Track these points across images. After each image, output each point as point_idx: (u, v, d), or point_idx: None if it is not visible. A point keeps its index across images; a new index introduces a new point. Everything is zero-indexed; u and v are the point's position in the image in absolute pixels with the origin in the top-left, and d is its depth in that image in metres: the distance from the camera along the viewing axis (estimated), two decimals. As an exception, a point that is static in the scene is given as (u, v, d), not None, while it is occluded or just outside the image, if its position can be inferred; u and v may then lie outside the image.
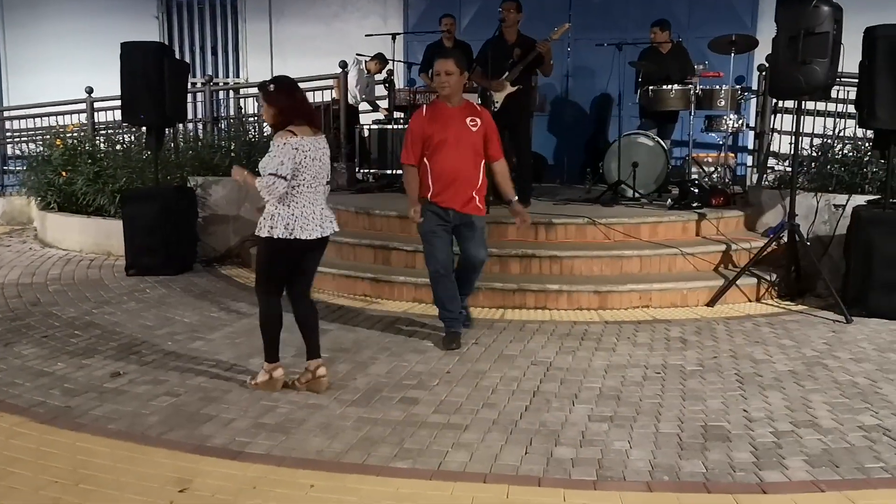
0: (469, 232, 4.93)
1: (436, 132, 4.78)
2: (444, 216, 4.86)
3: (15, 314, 5.78)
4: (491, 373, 4.57)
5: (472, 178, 4.85)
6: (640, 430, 3.74)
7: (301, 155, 4.00)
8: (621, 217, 6.74)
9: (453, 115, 4.82)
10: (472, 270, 5.13)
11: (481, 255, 5.04)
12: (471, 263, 5.06)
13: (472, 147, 4.83)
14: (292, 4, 11.45)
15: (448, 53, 4.95)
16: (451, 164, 4.79)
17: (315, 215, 4.10)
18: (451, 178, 4.79)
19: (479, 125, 4.84)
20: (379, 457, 3.46)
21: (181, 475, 3.26)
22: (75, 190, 8.50)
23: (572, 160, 9.85)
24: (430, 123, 4.80)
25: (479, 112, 4.92)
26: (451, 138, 4.78)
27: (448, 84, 4.76)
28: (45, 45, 12.14)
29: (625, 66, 7.98)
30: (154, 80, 7.12)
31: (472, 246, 4.98)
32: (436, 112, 4.87)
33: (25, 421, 3.81)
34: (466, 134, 4.81)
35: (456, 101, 4.85)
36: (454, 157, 4.78)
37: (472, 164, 4.85)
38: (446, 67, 4.75)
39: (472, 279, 5.23)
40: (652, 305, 5.98)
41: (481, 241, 5.01)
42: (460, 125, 4.80)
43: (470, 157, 4.83)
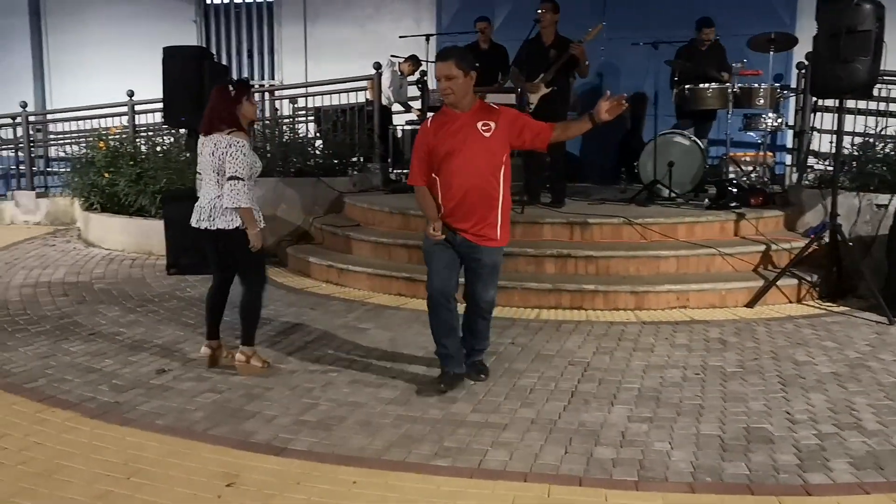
0: (476, 267, 4.19)
1: (441, 143, 4.07)
2: (451, 237, 4.15)
3: (62, 312, 5.92)
4: (528, 372, 4.58)
5: (487, 193, 4.08)
6: (680, 431, 3.73)
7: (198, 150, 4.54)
8: (657, 217, 6.71)
9: (462, 121, 4.07)
10: (477, 314, 4.30)
11: (488, 296, 4.21)
12: (474, 303, 4.26)
13: (488, 155, 4.06)
14: (327, 7, 11.55)
15: (447, 54, 4.08)
16: (461, 178, 4.04)
17: (202, 207, 4.47)
18: (462, 194, 4.06)
19: (493, 129, 4.05)
20: (419, 454, 3.50)
21: (227, 470, 3.32)
22: (117, 191, 8.68)
23: (606, 160, 9.80)
24: (436, 134, 4.10)
25: (494, 113, 4.11)
26: (459, 148, 4.04)
27: (451, 90, 4.02)
28: (87, 50, 12.38)
29: (660, 64, 7.93)
30: (194, 83, 7.24)
31: (477, 283, 4.21)
32: (442, 120, 4.13)
33: (76, 416, 3.91)
34: (478, 141, 4.04)
35: (465, 106, 4.09)
36: (464, 170, 4.03)
37: (488, 175, 4.07)
38: (446, 72, 4.00)
39: (480, 329, 4.38)
40: (690, 306, 5.94)
41: (491, 280, 4.21)
42: (470, 132, 4.05)
43: (484, 167, 4.05)
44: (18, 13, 12.70)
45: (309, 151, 8.87)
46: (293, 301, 6.30)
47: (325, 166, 8.72)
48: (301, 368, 4.66)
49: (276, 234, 7.97)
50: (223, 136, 4.38)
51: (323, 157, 8.85)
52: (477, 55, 8.85)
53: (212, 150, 4.39)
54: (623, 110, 4.08)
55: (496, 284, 4.28)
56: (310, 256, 7.21)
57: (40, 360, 4.77)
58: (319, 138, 9.28)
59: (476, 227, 4.10)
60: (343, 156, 8.94)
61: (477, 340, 4.44)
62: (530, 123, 4.20)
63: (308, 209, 8.20)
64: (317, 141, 9.22)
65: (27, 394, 4.21)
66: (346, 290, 6.64)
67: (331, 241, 7.52)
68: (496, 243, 4.16)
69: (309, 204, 8.23)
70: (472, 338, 4.42)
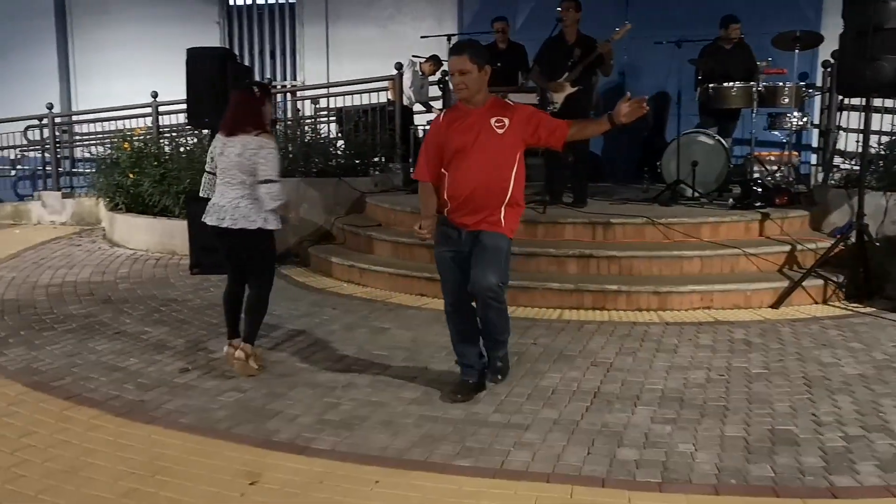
0: (478, 251, 3.94)
1: (452, 139, 3.95)
2: (456, 238, 4.02)
3: (88, 311, 5.99)
4: (550, 373, 4.56)
5: (496, 191, 3.94)
6: (704, 433, 3.70)
7: (214, 152, 4.61)
8: (681, 217, 6.66)
9: (474, 117, 3.95)
10: (481, 304, 3.97)
11: (486, 281, 3.86)
12: (472, 288, 3.92)
13: (499, 153, 3.92)
14: (348, 8, 11.59)
15: (461, 48, 3.98)
16: (469, 176, 3.92)
17: (222, 207, 4.53)
18: (469, 192, 3.93)
19: (507, 125, 3.92)
20: (441, 454, 3.50)
21: (250, 468, 3.34)
22: (142, 191, 8.76)
23: (629, 159, 9.76)
24: (447, 130, 3.99)
25: (508, 109, 4.00)
26: (469, 145, 3.92)
27: (465, 84, 3.90)
28: (111, 51, 12.51)
29: (684, 63, 7.88)
30: (218, 84, 7.28)
31: (475, 266, 3.91)
32: (454, 116, 4.03)
33: (102, 414, 3.95)
34: (491, 138, 3.91)
35: (479, 102, 3.98)
36: (473, 167, 3.91)
37: (498, 174, 3.93)
38: (460, 66, 3.88)
39: (490, 319, 4.03)
40: (714, 307, 5.89)
41: (490, 262, 3.89)
42: (482, 129, 3.93)
43: (495, 165, 3.92)
44: (44, 15, 12.86)
45: (330, 152, 8.91)
46: (315, 300, 6.33)
47: (347, 166, 8.75)
48: (323, 368, 4.67)
49: (298, 233, 8.01)
50: (251, 138, 4.45)
51: (344, 158, 8.88)
52: (495, 55, 8.85)
53: (239, 151, 4.45)
54: (643, 113, 3.92)
55: (498, 272, 3.90)
56: (331, 256, 7.23)
57: (67, 359, 4.83)
58: (341, 138, 9.31)
59: (479, 222, 3.97)
60: (364, 156, 8.97)
61: (494, 329, 4.10)
62: (546, 121, 4.06)
63: (330, 209, 8.23)
64: (338, 141, 9.25)
65: (54, 392, 4.26)
66: (367, 289, 6.66)
67: (352, 240, 7.55)
68: (499, 228, 3.96)
69: (331, 204, 8.26)
70: (486, 331, 4.14)
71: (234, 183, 4.50)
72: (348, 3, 11.52)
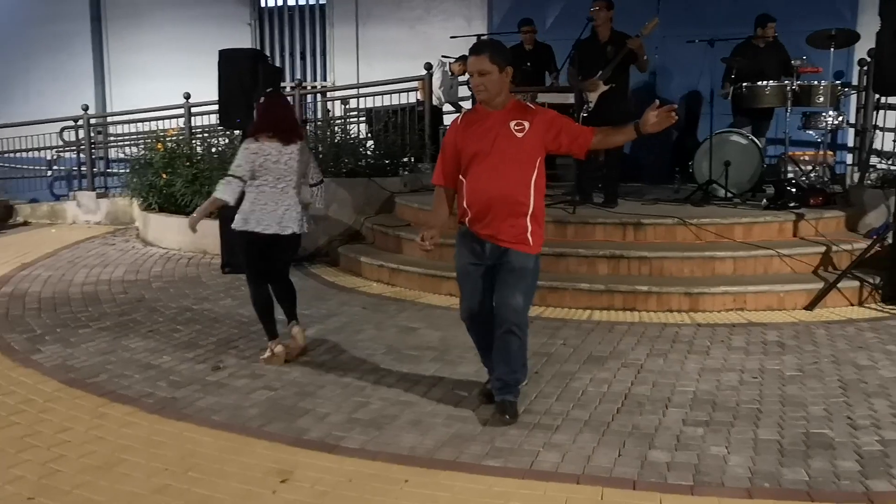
0: (503, 270, 3.76)
1: (468, 143, 3.75)
2: (479, 250, 3.81)
3: (122, 309, 6.08)
4: (580, 374, 4.54)
5: (516, 199, 3.72)
6: (737, 436, 3.66)
7: (260, 159, 4.58)
8: (713, 217, 6.60)
9: (493, 120, 3.75)
10: (503, 326, 3.75)
11: (513, 301, 3.70)
12: (498, 311, 3.76)
13: (519, 158, 3.71)
14: (378, 9, 11.62)
15: (481, 47, 3.76)
16: (488, 182, 3.71)
17: (276, 214, 4.62)
18: (488, 200, 3.72)
19: (526, 129, 3.71)
20: (470, 454, 3.50)
21: (281, 466, 3.37)
22: (174, 191, 8.86)
23: (659, 159, 9.66)
24: (464, 133, 3.79)
25: (528, 112, 3.78)
26: (486, 149, 3.71)
27: (484, 86, 3.70)
28: (145, 53, 12.69)
29: (716, 62, 7.79)
30: (249, 85, 7.34)
31: (502, 287, 3.74)
32: (473, 119, 3.83)
33: (136, 411, 4.01)
34: (509, 143, 3.70)
35: (498, 104, 3.77)
36: (492, 173, 3.70)
37: (518, 180, 3.72)
38: (479, 66, 3.68)
39: (511, 350, 3.81)
40: (746, 308, 5.82)
41: (517, 284, 3.72)
42: (501, 132, 3.71)
43: (514, 171, 3.71)
44: (81, 19, 13.08)
45: (360, 152, 8.95)
46: (344, 300, 6.36)
47: (377, 166, 8.79)
48: (352, 367, 4.69)
49: (328, 233, 8.05)
50: (301, 143, 4.71)
51: (374, 158, 8.92)
52: (522, 56, 8.84)
53: (298, 157, 4.66)
54: (672, 123, 3.67)
55: (525, 293, 3.76)
56: (361, 256, 7.26)
57: (101, 356, 4.90)
58: (371, 139, 9.35)
59: (503, 233, 3.73)
60: (394, 156, 9.00)
61: (507, 366, 3.84)
62: (569, 127, 3.81)
63: (359, 209, 8.27)
64: (368, 141, 9.29)
65: (89, 388, 4.33)
66: (396, 289, 6.67)
67: (382, 240, 7.57)
68: (527, 248, 3.75)
69: (360, 204, 8.29)
70: (502, 361, 3.85)
71: (289, 189, 4.64)
72: (378, 4, 11.56)
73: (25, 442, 3.61)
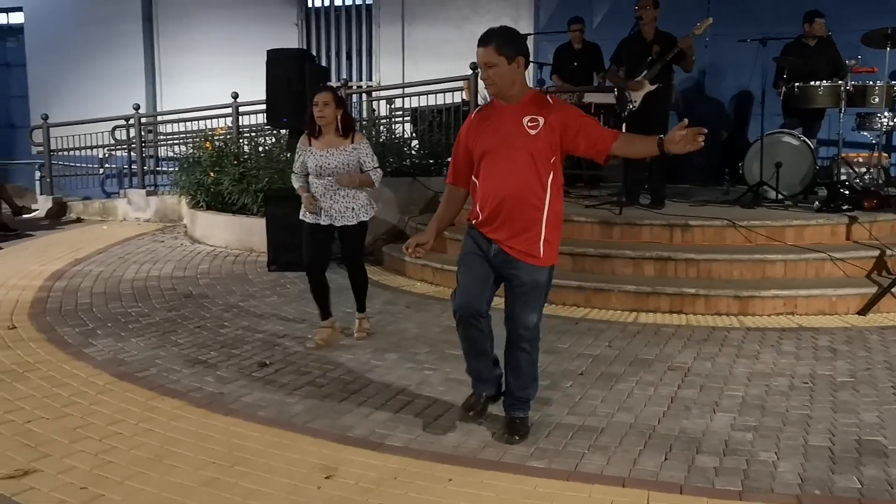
0: (514, 283, 3.50)
1: (480, 139, 3.49)
2: (486, 246, 3.52)
3: (171, 305, 6.19)
4: (626, 376, 4.49)
5: (529, 202, 3.42)
6: (787, 442, 3.59)
7: None
8: (763, 219, 6.48)
9: (506, 115, 3.47)
10: (515, 343, 3.57)
11: (527, 320, 3.48)
12: (511, 328, 3.55)
13: (531, 156, 3.40)
14: (424, 8, 11.66)
15: (488, 38, 3.43)
16: (499, 182, 3.44)
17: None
18: (499, 202, 3.43)
19: (540, 125, 3.40)
20: (514, 455, 3.48)
21: (326, 462, 3.39)
22: (222, 189, 8.99)
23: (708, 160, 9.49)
24: (477, 128, 3.54)
25: (545, 108, 3.46)
26: (498, 146, 3.44)
27: (492, 79, 3.43)
28: (194, 54, 12.91)
29: (768, 62, 7.65)
30: (296, 84, 7.44)
31: (515, 303, 3.52)
32: (486, 114, 3.56)
33: (184, 405, 4.08)
34: (521, 139, 3.41)
35: (512, 98, 3.47)
36: (503, 173, 3.43)
37: (531, 181, 3.42)
38: (486, 58, 3.40)
39: (521, 366, 3.61)
40: (797, 312, 5.70)
41: (531, 301, 3.48)
42: (512, 128, 3.43)
43: (526, 170, 3.41)
44: (133, 20, 13.36)
45: (405, 151, 8.98)
46: (389, 299, 6.39)
47: (421, 166, 8.81)
48: (397, 365, 4.71)
49: (373, 232, 8.06)
50: None
51: (419, 157, 8.94)
52: (571, 55, 8.79)
53: None
54: (698, 148, 3.30)
55: (540, 309, 3.53)
56: (405, 255, 7.27)
57: (151, 351, 5.00)
58: (416, 138, 9.37)
59: (512, 239, 3.45)
60: (439, 156, 9.01)
61: (517, 381, 3.65)
62: (588, 129, 3.46)
63: (404, 208, 8.30)
64: (413, 141, 9.32)
65: (139, 382, 4.41)
66: (440, 289, 6.68)
67: (426, 240, 7.57)
68: (537, 261, 3.45)
69: (405, 203, 8.32)
70: (512, 377, 3.65)
71: None
72: (424, 3, 11.60)
73: (78, 433, 3.70)
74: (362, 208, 5.09)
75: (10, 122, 14.84)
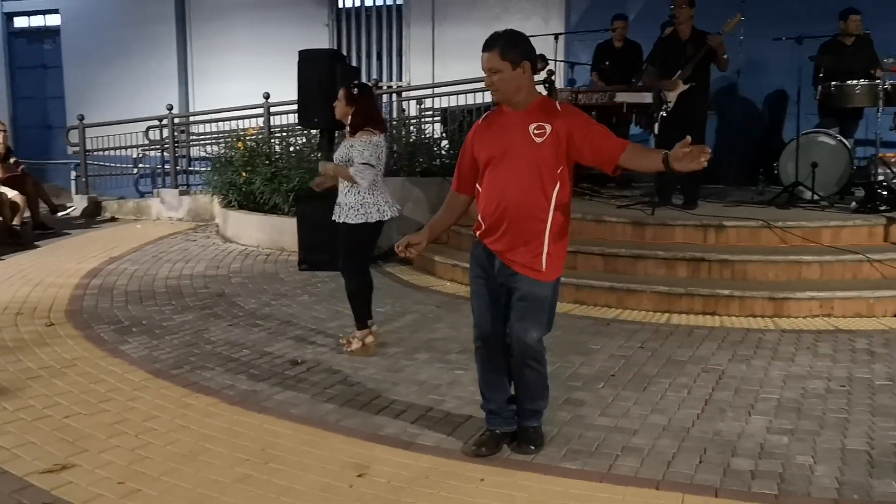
0: (514, 296, 3.36)
1: (484, 146, 3.36)
2: (487, 264, 3.42)
3: (204, 304, 6.25)
4: (658, 378, 4.45)
5: (531, 214, 3.28)
6: (824, 445, 3.54)
7: (380, 150, 4.91)
8: (799, 220, 6.39)
9: (511, 122, 3.33)
10: (518, 359, 3.41)
11: (527, 336, 3.32)
12: (513, 342, 3.39)
13: (536, 165, 3.26)
14: (454, 8, 11.64)
15: (492, 42, 3.29)
16: (501, 192, 3.31)
17: (388, 200, 4.98)
18: (500, 212, 3.31)
19: (547, 133, 3.25)
20: (546, 456, 3.47)
21: (358, 461, 3.40)
22: (253, 189, 9.05)
23: (742, 160, 9.39)
24: (483, 134, 3.40)
25: (552, 114, 3.30)
26: (501, 154, 3.31)
27: (495, 85, 3.29)
28: (226, 54, 13.00)
29: (804, 60, 7.53)
30: (327, 85, 7.45)
31: (514, 317, 3.37)
32: (493, 119, 3.43)
33: (217, 402, 4.12)
34: (526, 147, 3.26)
35: (519, 104, 3.33)
36: (505, 180, 3.30)
37: (534, 191, 3.27)
38: (489, 64, 3.26)
39: (527, 381, 3.48)
40: (834, 314, 5.61)
41: (531, 316, 3.33)
42: (517, 135, 3.29)
43: (530, 179, 3.26)
44: (166, 21, 13.49)
45: (435, 151, 8.98)
46: (419, 299, 6.39)
47: (451, 166, 8.65)
48: (427, 365, 4.72)
49: (402, 232, 8.07)
50: None
51: (448, 157, 8.92)
52: (611, 53, 8.72)
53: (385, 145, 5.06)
54: (700, 168, 3.08)
55: (541, 324, 3.37)
56: (435, 255, 7.29)
57: (185, 348, 5.05)
58: (445, 138, 9.36)
59: (513, 251, 3.32)
60: (468, 156, 8.97)
61: (524, 395, 3.53)
62: (595, 137, 3.28)
63: (433, 208, 8.28)
64: (442, 141, 9.31)
65: (174, 379, 4.47)
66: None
67: (456, 240, 7.57)
68: (539, 275, 3.30)
69: (434, 203, 8.31)
70: (520, 392, 3.54)
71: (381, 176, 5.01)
72: (454, 3, 11.58)
73: (115, 428, 3.75)
74: (350, 209, 4.84)
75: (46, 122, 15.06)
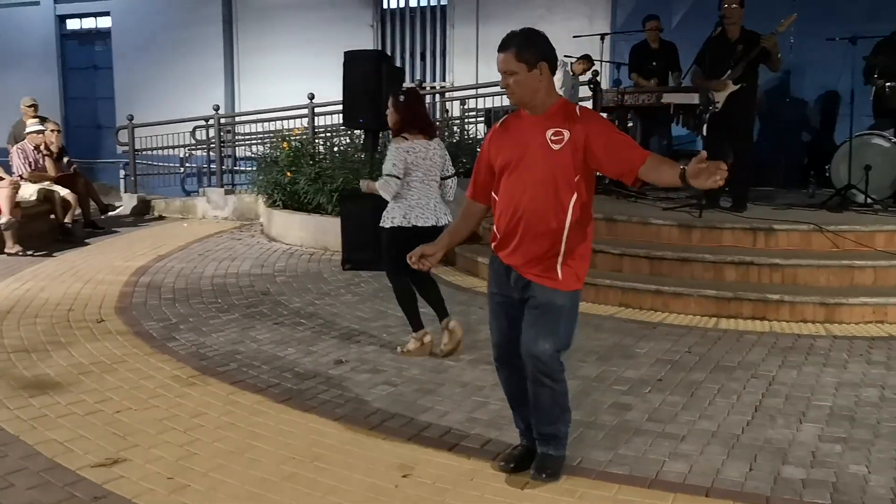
0: (529, 306, 3.17)
1: (501, 152, 3.18)
2: (505, 279, 3.23)
3: (249, 302, 6.31)
4: (707, 383, 4.38)
5: (547, 225, 3.08)
6: (878, 455, 3.45)
7: (412, 156, 4.75)
8: (852, 224, 6.25)
9: (529, 127, 3.13)
10: (531, 374, 3.18)
11: (537, 347, 3.10)
12: (524, 355, 3.16)
13: (553, 173, 3.06)
14: (499, 8, 11.62)
15: (507, 42, 3.09)
16: (515, 199, 3.13)
17: (430, 207, 4.82)
18: (514, 222, 3.13)
19: (565, 140, 3.04)
20: (593, 461, 3.44)
21: (403, 461, 3.41)
22: (298, 189, 9.12)
23: (792, 162, 9.22)
24: (499, 140, 3.22)
25: (571, 119, 3.07)
26: (517, 160, 3.12)
27: (511, 87, 3.10)
28: (272, 55, 13.16)
29: (858, 61, 7.36)
30: (373, 85, 7.50)
31: (525, 328, 3.16)
32: (511, 124, 3.23)
33: (264, 400, 4.16)
34: (542, 154, 3.07)
35: (537, 108, 3.12)
36: (520, 189, 3.11)
37: (550, 201, 3.08)
38: (504, 65, 3.07)
39: (540, 401, 3.22)
40: (888, 321, 5.48)
41: (543, 325, 3.11)
42: (534, 141, 3.09)
43: (546, 188, 3.07)
44: (213, 22, 13.71)
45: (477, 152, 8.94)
46: (462, 300, 6.38)
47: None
48: (471, 367, 4.70)
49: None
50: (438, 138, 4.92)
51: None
52: (647, 54, 8.61)
53: (441, 152, 4.91)
54: (716, 186, 2.75)
55: (555, 336, 3.12)
56: (478, 256, 7.26)
57: (231, 346, 5.11)
58: (489, 139, 9.33)
59: (527, 265, 3.14)
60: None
61: (538, 417, 3.27)
62: (614, 145, 3.05)
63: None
64: (486, 142, 9.27)
65: (221, 377, 4.52)
66: (514, 290, 6.63)
67: (499, 241, 7.54)
68: (555, 284, 3.11)
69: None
70: (533, 411, 3.29)
71: (434, 183, 4.87)
72: (499, 3, 11.56)
73: (164, 424, 3.81)
74: (385, 212, 4.87)
75: (97, 122, 15.40)
